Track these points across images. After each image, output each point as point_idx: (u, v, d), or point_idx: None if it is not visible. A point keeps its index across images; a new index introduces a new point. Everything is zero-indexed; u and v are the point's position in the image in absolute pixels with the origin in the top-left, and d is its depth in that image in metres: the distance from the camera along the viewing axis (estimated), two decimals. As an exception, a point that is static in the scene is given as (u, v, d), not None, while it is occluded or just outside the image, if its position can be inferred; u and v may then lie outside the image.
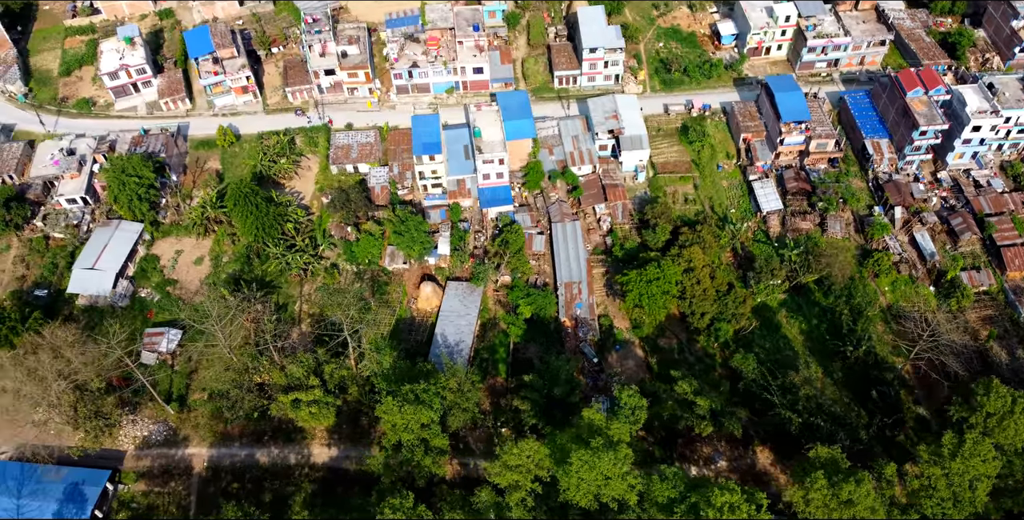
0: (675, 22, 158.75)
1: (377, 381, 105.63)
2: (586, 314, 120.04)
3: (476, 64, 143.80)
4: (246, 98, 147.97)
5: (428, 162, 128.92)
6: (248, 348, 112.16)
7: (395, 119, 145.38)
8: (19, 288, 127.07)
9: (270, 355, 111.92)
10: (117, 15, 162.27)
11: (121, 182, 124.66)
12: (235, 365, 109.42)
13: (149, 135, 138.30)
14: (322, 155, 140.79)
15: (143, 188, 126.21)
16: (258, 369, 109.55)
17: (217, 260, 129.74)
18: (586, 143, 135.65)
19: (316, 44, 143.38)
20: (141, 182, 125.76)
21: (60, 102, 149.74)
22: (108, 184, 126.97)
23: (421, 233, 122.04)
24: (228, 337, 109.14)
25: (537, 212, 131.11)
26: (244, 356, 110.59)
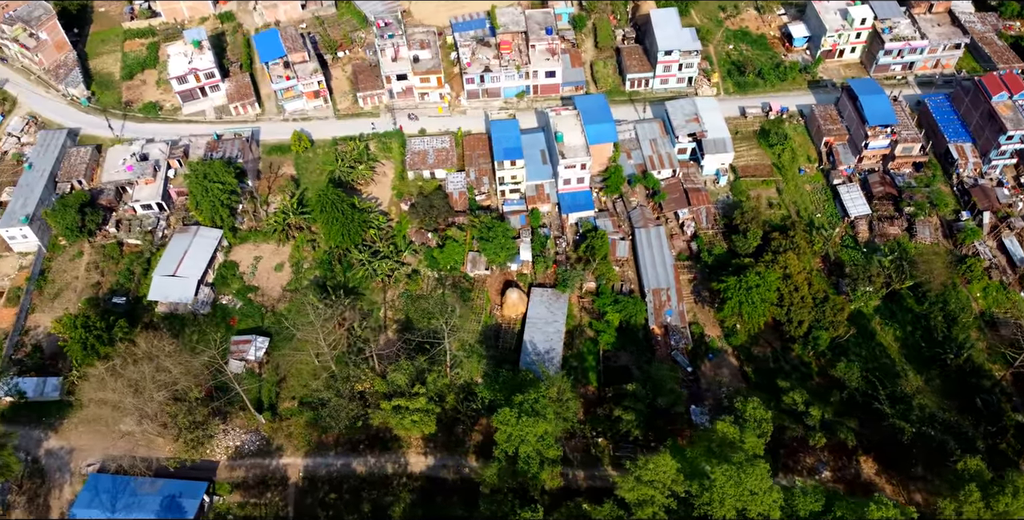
0: (743, 24, 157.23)
1: (480, 390, 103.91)
2: (676, 321, 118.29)
3: (549, 68, 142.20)
4: (316, 103, 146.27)
5: (509, 167, 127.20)
6: (343, 356, 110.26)
7: (466, 124, 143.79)
8: (95, 295, 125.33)
9: (370, 362, 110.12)
10: (176, 18, 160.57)
11: (204, 188, 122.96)
12: (336, 373, 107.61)
13: (224, 140, 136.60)
14: (396, 160, 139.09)
15: (225, 194, 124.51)
16: (359, 377, 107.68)
17: (298, 266, 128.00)
18: (665, 146, 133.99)
19: (389, 48, 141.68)
20: (224, 188, 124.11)
21: (125, 106, 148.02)
22: (190, 190, 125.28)
23: (508, 239, 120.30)
24: (330, 346, 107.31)
25: (618, 217, 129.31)
26: (342, 364, 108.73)
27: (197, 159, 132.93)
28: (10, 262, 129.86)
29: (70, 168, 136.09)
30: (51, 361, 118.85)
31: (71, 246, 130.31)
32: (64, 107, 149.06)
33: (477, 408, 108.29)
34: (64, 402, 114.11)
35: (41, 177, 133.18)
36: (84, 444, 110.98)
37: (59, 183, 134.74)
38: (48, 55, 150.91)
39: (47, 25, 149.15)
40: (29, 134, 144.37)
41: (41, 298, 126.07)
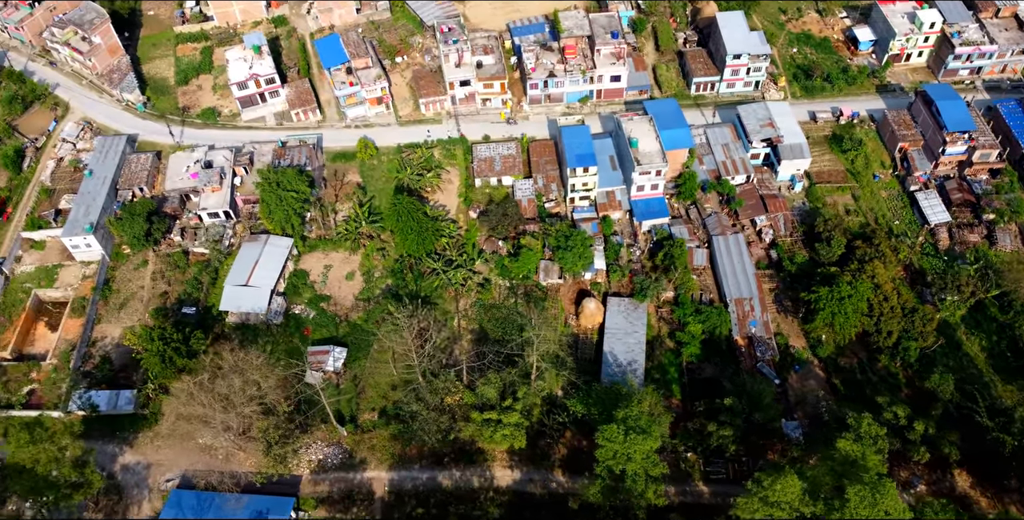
0: (805, 27, 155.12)
1: (573, 404, 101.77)
2: (761, 332, 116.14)
3: (615, 72, 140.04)
4: (378, 109, 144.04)
5: (582, 174, 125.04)
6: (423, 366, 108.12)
7: (529, 130, 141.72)
8: (163, 305, 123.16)
9: (458, 374, 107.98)
10: (229, 22, 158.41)
11: (279, 197, 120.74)
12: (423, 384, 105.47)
13: (291, 148, 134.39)
14: (461, 167, 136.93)
15: (299, 203, 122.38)
16: (448, 389, 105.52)
17: (368, 275, 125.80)
18: (738, 151, 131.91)
19: (452, 54, 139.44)
20: (298, 197, 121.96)
21: (182, 112, 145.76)
22: (262, 199, 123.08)
23: (586, 248, 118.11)
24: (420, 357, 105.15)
25: (693, 224, 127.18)
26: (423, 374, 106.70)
27: (263, 167, 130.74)
28: (73, 271, 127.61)
29: (131, 175, 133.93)
30: (121, 373, 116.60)
31: (135, 255, 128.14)
32: (119, 112, 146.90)
33: (563, 421, 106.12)
34: (138, 415, 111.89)
35: (103, 184, 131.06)
36: (161, 459, 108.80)
37: (120, 190, 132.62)
38: (101, 59, 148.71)
39: (101, 29, 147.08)
40: (85, 140, 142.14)
41: (106, 308, 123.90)
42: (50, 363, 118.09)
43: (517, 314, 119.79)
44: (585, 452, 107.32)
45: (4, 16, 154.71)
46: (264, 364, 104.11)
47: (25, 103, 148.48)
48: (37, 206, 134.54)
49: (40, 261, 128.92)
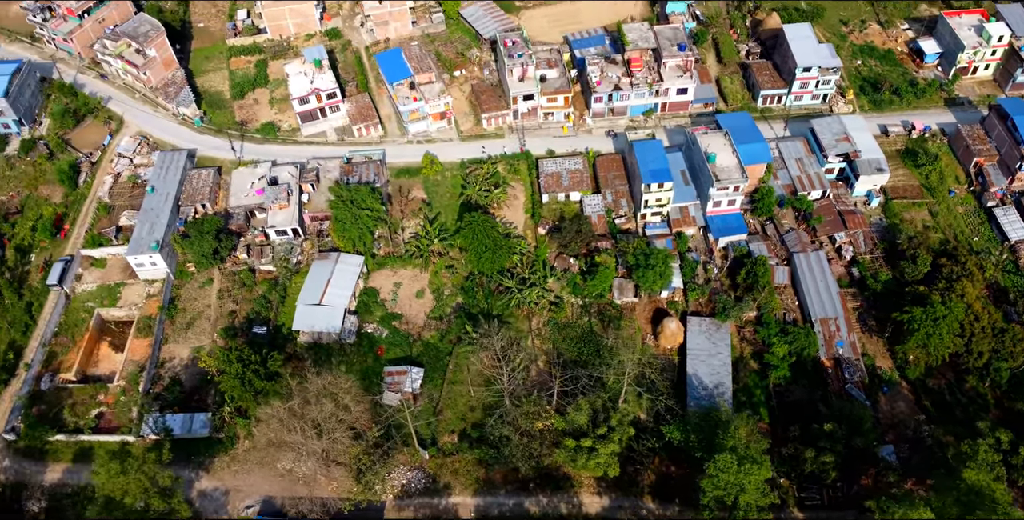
0: (868, 39, 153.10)
1: (670, 431, 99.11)
2: (848, 353, 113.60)
3: (681, 85, 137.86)
4: (440, 124, 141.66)
5: (656, 190, 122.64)
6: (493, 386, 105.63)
7: (593, 144, 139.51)
8: (231, 325, 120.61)
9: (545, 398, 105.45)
10: (282, 35, 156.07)
11: (353, 215, 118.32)
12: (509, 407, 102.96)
13: (357, 164, 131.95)
14: (526, 183, 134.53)
15: (373, 221, 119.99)
16: (538, 414, 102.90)
17: (438, 293, 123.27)
18: (813, 166, 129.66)
19: (516, 68, 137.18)
20: (373, 215, 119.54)
21: (240, 126, 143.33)
22: (336, 216, 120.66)
23: (667, 266, 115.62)
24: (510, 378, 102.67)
25: (771, 241, 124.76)
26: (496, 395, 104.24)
27: (330, 183, 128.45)
28: (136, 290, 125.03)
29: (193, 191, 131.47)
30: (193, 395, 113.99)
31: (200, 273, 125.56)
32: (175, 126, 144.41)
33: (652, 447, 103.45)
34: (213, 439, 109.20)
35: (166, 201, 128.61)
36: (239, 484, 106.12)
37: (182, 207, 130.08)
38: (156, 73, 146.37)
39: (156, 41, 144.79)
40: (142, 155, 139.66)
41: (173, 328, 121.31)
42: (118, 385, 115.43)
43: (592, 334, 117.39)
44: (674, 479, 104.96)
45: (52, 27, 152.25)
46: (354, 387, 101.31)
47: (77, 117, 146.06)
48: (96, 223, 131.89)
49: (101, 279, 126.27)
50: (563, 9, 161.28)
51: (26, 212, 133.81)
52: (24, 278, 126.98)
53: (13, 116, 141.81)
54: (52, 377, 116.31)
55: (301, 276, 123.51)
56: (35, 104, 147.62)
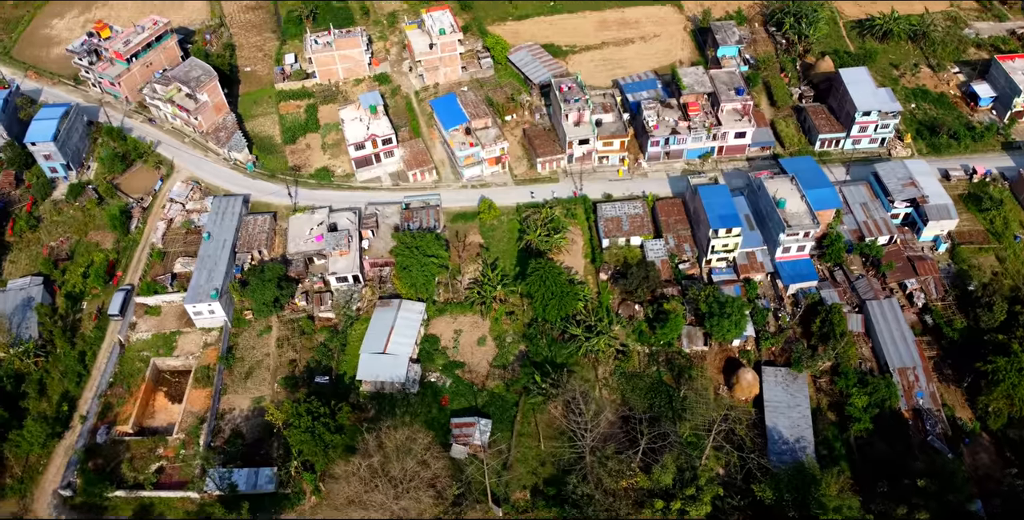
0: (919, 83, 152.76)
1: (762, 490, 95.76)
2: (928, 404, 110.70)
3: (740, 129, 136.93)
4: (494, 169, 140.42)
5: (724, 235, 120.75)
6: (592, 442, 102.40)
7: (650, 187, 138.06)
8: (291, 374, 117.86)
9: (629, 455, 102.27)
10: (331, 79, 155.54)
11: (420, 263, 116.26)
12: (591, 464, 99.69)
13: (415, 209, 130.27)
14: (584, 227, 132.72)
15: (438, 268, 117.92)
16: (623, 472, 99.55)
17: (500, 340, 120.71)
18: (879, 211, 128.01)
19: (572, 113, 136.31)
20: (438, 262, 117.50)
21: (294, 172, 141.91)
22: (401, 264, 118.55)
23: (743, 314, 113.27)
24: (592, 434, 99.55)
25: (842, 288, 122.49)
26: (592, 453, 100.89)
27: (389, 229, 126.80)
28: (193, 339, 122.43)
29: (249, 237, 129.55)
30: (255, 449, 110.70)
31: (258, 321, 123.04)
32: (227, 171, 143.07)
33: (737, 505, 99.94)
34: (280, 495, 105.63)
35: (223, 248, 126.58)
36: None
37: (238, 253, 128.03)
38: (207, 117, 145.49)
39: (208, 86, 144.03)
40: (194, 200, 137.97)
41: (232, 378, 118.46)
42: (177, 438, 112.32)
43: (663, 384, 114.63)
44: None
45: (99, 71, 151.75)
46: (433, 444, 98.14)
47: (126, 161, 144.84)
48: (149, 269, 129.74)
49: (157, 328, 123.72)
50: (609, 54, 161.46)
51: (76, 258, 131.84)
52: (76, 326, 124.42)
53: (61, 160, 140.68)
54: (108, 429, 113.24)
55: (362, 323, 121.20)
56: (83, 148, 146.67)
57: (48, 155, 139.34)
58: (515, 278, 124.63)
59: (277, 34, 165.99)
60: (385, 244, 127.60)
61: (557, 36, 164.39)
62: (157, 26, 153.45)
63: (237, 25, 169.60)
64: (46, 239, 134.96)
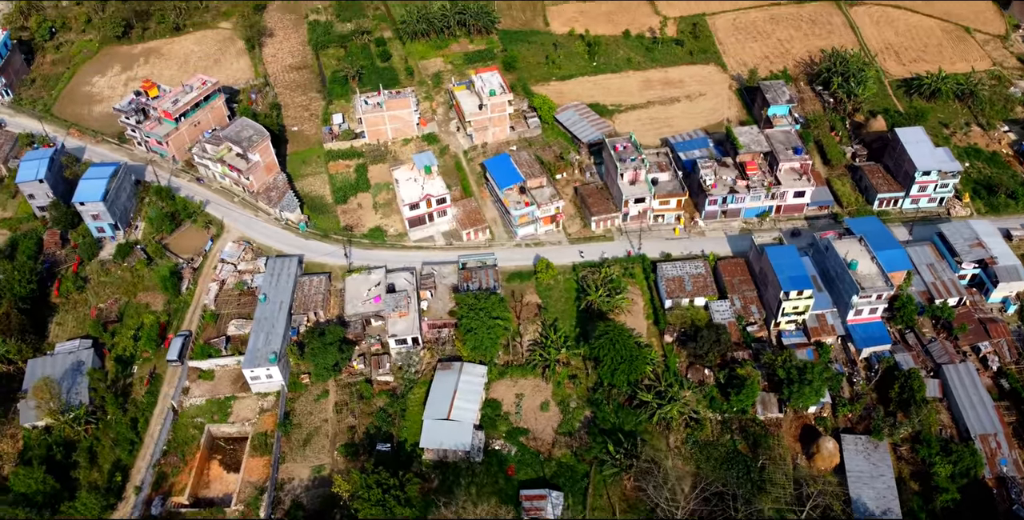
0: (970, 141, 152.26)
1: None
2: (1012, 471, 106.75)
3: (799, 188, 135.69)
4: (548, 227, 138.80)
5: (795, 297, 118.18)
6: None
7: (708, 246, 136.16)
8: (351, 441, 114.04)
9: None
10: (379, 139, 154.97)
11: (486, 325, 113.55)
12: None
13: (473, 269, 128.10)
14: (643, 287, 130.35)
15: (504, 331, 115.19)
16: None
17: (564, 405, 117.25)
18: (946, 272, 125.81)
19: (628, 172, 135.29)
20: (504, 324, 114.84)
21: (347, 231, 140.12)
22: (466, 326, 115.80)
23: (823, 380, 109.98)
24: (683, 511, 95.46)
25: (915, 351, 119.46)
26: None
27: (447, 289, 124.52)
28: (248, 404, 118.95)
29: (305, 299, 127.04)
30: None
31: (314, 385, 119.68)
32: (278, 231, 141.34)
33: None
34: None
35: (280, 310, 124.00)
36: None
37: (294, 315, 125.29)
38: (258, 177, 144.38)
39: (260, 146, 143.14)
40: (246, 261, 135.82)
41: (290, 445, 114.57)
42: (235, 509, 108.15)
43: (738, 454, 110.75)
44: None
45: (147, 129, 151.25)
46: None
47: (175, 221, 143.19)
48: (202, 331, 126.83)
49: (210, 393, 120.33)
50: (656, 112, 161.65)
51: (125, 320, 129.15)
52: (127, 391, 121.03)
53: (109, 220, 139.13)
54: (163, 501, 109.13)
55: (421, 387, 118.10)
56: (130, 207, 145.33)
57: (96, 215, 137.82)
58: (577, 340, 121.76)
59: (322, 94, 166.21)
60: (444, 305, 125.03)
61: (602, 95, 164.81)
62: (206, 86, 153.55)
63: (281, 85, 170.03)
64: (94, 300, 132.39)
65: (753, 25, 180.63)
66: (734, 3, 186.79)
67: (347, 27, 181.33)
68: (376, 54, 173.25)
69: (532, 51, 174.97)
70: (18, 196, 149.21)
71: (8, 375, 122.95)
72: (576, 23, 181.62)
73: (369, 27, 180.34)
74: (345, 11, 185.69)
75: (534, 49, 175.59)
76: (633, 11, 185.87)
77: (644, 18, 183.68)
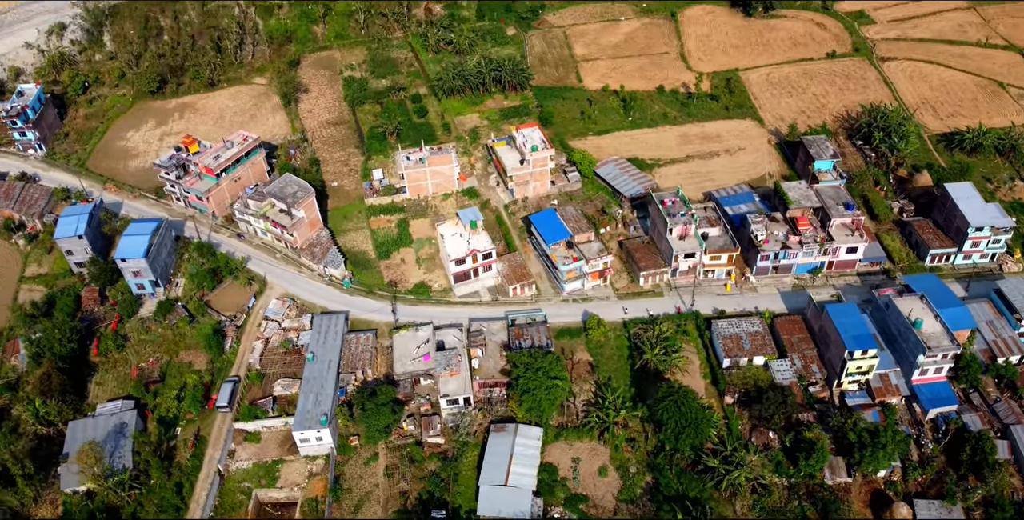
0: (1015, 196, 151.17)
1: None
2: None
3: (851, 243, 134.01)
4: (595, 282, 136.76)
5: (860, 357, 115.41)
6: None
7: (761, 302, 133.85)
8: (404, 507, 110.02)
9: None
10: (420, 194, 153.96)
11: (544, 386, 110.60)
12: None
13: (524, 326, 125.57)
14: (698, 345, 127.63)
15: (563, 392, 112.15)
16: None
17: (623, 470, 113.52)
18: (1005, 330, 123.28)
19: (677, 227, 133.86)
20: (562, 385, 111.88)
21: (392, 287, 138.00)
22: (524, 386, 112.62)
23: (895, 444, 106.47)
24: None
25: (981, 411, 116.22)
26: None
27: (497, 347, 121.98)
28: (297, 468, 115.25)
29: (353, 357, 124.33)
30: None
31: (364, 447, 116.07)
32: (322, 288, 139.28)
33: None
34: None
35: (328, 369, 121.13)
36: None
37: (341, 374, 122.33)
38: (302, 233, 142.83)
39: (305, 202, 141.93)
40: (291, 318, 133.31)
41: (341, 511, 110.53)
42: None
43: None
44: None
45: (187, 185, 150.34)
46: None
47: (217, 278, 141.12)
48: (247, 392, 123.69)
49: (257, 456, 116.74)
50: (696, 166, 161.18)
51: (168, 380, 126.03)
52: (171, 454, 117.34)
53: (151, 277, 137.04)
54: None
55: (473, 449, 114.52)
56: (170, 263, 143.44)
57: (138, 271, 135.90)
58: (632, 401, 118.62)
59: (360, 149, 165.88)
60: (495, 363, 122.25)
61: (639, 150, 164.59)
62: (247, 141, 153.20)
63: (319, 140, 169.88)
64: (134, 359, 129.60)
65: (787, 80, 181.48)
66: (766, 58, 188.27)
67: (382, 83, 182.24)
68: (412, 110, 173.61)
69: (567, 106, 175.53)
70: (54, 251, 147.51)
71: (48, 438, 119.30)
72: (609, 79, 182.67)
73: (404, 83, 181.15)
74: (379, 68, 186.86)
75: (568, 104, 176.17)
76: (666, 67, 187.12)
77: (676, 73, 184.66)
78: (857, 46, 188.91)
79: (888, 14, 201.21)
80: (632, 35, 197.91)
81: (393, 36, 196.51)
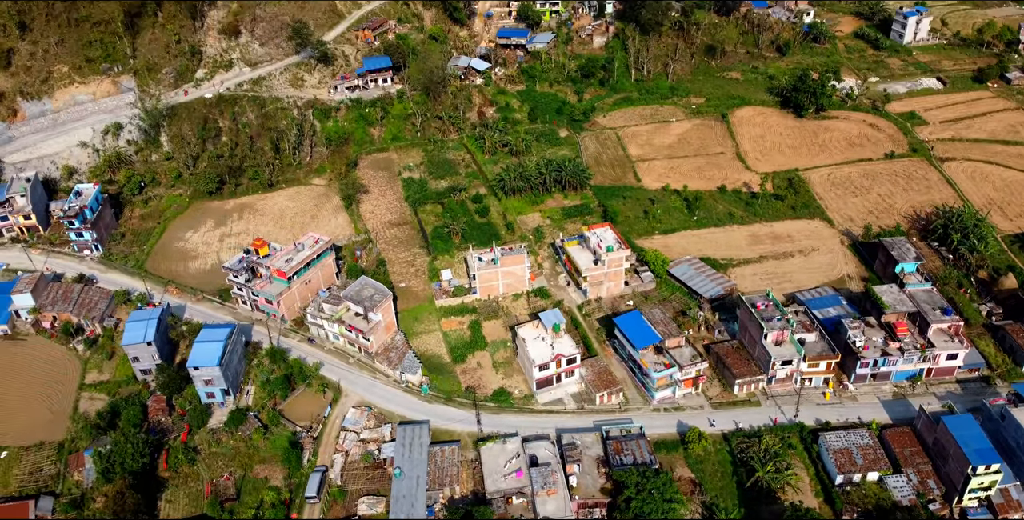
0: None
1: None
2: None
3: (952, 350, 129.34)
4: (687, 390, 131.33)
5: (983, 472, 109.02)
6: None
7: (862, 412, 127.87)
8: None
9: None
10: (490, 295, 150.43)
11: (662, 509, 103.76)
12: None
13: (623, 440, 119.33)
14: (804, 459, 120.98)
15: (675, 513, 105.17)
16: None
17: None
18: None
19: (773, 332, 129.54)
20: (680, 508, 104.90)
21: (472, 394, 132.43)
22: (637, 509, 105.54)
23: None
24: None
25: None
26: None
27: (593, 461, 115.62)
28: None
29: (439, 472, 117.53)
30: None
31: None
32: (399, 395, 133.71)
33: None
34: None
35: (417, 486, 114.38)
36: None
37: (428, 491, 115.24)
38: (378, 337, 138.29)
39: (383, 306, 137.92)
40: (370, 429, 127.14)
41: None
42: None
43: None
44: None
45: (257, 288, 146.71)
46: None
47: (289, 385, 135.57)
48: (328, 511, 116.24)
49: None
50: (771, 267, 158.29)
51: (244, 498, 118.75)
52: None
53: (223, 385, 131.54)
54: None
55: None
56: (240, 371, 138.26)
57: (210, 380, 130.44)
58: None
59: (425, 249, 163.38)
60: (592, 480, 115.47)
61: (709, 249, 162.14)
62: (318, 244, 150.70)
63: (383, 241, 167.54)
64: (206, 474, 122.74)
65: (848, 180, 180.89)
66: (824, 158, 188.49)
67: (440, 184, 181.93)
68: (474, 210, 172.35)
69: (628, 206, 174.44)
70: (115, 357, 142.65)
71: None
72: (668, 179, 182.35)
73: (463, 184, 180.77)
74: (437, 169, 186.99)
75: (629, 203, 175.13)
76: (724, 167, 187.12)
77: (736, 174, 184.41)
78: (914, 146, 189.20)
79: (939, 115, 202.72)
80: (685, 136, 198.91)
81: (449, 138, 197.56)
